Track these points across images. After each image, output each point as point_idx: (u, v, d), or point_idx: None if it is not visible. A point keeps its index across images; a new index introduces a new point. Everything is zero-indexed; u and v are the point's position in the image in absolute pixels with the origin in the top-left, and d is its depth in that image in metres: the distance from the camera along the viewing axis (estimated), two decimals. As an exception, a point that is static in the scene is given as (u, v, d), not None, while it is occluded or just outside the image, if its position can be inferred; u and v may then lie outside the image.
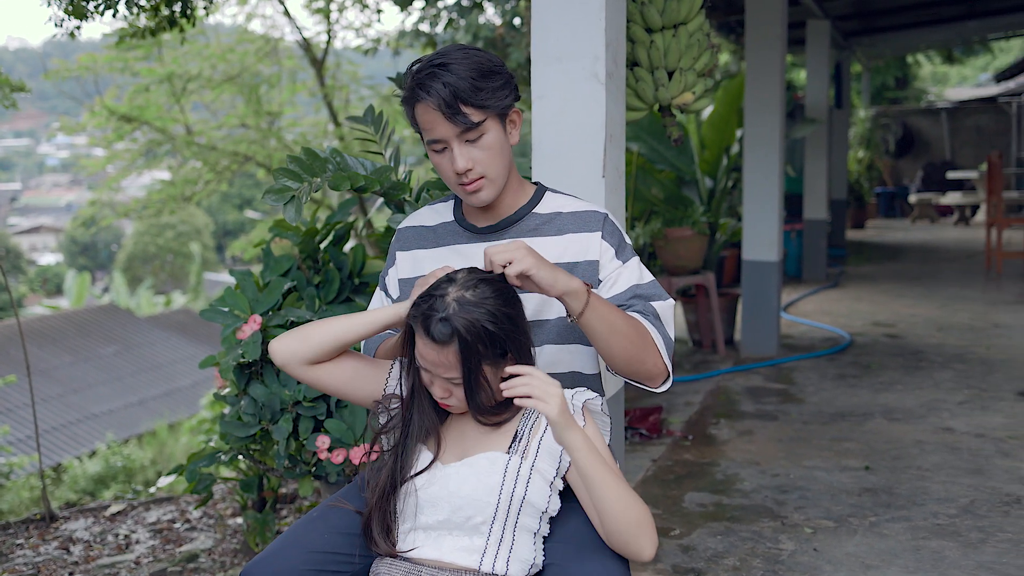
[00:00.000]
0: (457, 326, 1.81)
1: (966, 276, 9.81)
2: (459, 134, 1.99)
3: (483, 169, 2.02)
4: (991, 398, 5.17)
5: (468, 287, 1.85)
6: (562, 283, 1.88)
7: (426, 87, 1.97)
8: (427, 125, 2.00)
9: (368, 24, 14.78)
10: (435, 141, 2.01)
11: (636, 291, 2.09)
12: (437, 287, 1.87)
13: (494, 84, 2.00)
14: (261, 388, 3.12)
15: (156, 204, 13.33)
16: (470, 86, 1.96)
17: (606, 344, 1.96)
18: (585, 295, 1.90)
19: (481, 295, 1.84)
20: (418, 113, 2.02)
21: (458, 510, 1.90)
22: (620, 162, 2.98)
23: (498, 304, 1.85)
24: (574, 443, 1.80)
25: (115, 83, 13.03)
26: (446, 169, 2.04)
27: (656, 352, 2.03)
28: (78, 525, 4.53)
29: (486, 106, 1.99)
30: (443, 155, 2.03)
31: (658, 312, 2.07)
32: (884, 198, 17.20)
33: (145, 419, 16.58)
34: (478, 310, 1.82)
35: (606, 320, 1.93)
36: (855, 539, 3.42)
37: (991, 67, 30.37)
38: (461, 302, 1.83)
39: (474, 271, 1.90)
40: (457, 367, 1.84)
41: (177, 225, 34.71)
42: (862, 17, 10.67)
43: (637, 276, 2.11)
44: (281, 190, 2.72)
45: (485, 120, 1.99)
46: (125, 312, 21.65)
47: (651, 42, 3.35)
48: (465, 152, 2.00)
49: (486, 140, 2.01)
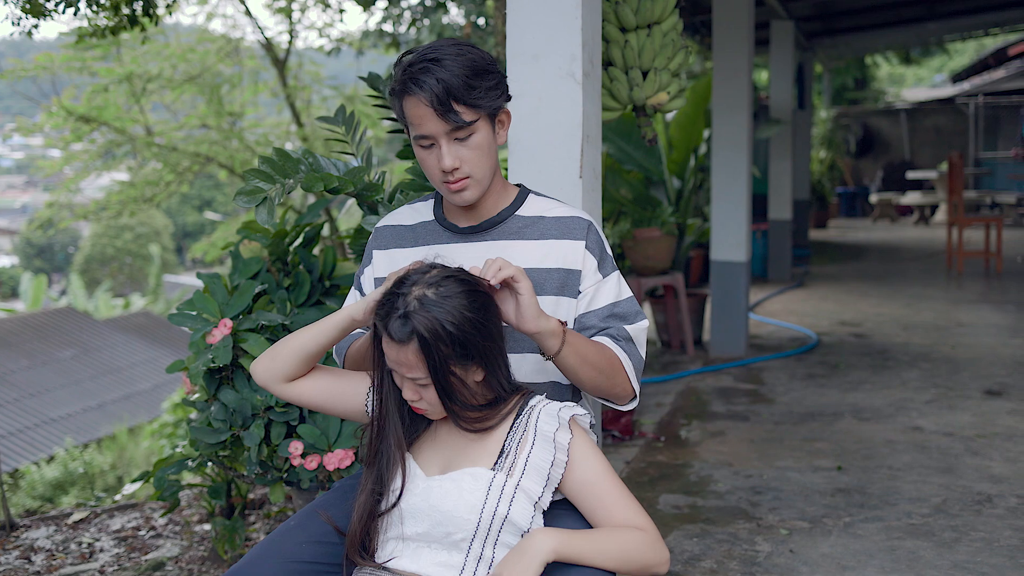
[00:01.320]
0: (416, 325, 1.76)
1: (928, 275, 9.91)
2: (448, 132, 1.94)
3: (470, 169, 1.98)
4: (958, 397, 5.21)
5: (432, 284, 1.80)
6: (541, 322, 1.86)
7: (419, 81, 1.91)
8: (416, 120, 1.95)
9: (330, 24, 14.70)
10: (423, 137, 1.96)
11: (614, 310, 2.07)
12: (402, 283, 1.82)
13: (488, 83, 1.96)
14: (232, 393, 3.06)
15: (116, 206, 13.13)
16: (463, 84, 1.91)
17: (576, 376, 1.97)
18: (561, 335, 1.89)
19: (444, 293, 1.78)
20: (407, 106, 1.96)
21: (438, 525, 1.85)
22: (597, 163, 2.95)
23: (463, 305, 1.78)
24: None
25: (73, 83, 12.82)
26: (431, 166, 1.99)
27: (625, 378, 2.03)
28: (39, 533, 4.43)
29: (478, 105, 1.94)
30: (430, 151, 1.98)
31: (631, 336, 2.06)
32: (845, 198, 17.35)
33: (104, 423, 16.34)
34: (438, 308, 1.76)
35: (579, 356, 1.93)
36: (830, 540, 3.42)
37: (945, 68, 30.79)
38: (423, 300, 1.77)
39: (444, 268, 1.85)
40: (420, 367, 1.79)
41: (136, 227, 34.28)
42: (824, 18, 10.75)
43: (616, 292, 2.08)
44: (253, 191, 2.67)
45: (477, 120, 1.96)
46: (83, 315, 21.34)
47: (625, 41, 3.32)
48: (453, 150, 1.96)
49: (475, 140, 1.97)
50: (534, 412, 1.89)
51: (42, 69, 11.98)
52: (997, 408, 4.98)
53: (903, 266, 10.70)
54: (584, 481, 1.87)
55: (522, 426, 1.89)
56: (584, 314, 2.06)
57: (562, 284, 2.06)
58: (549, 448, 1.86)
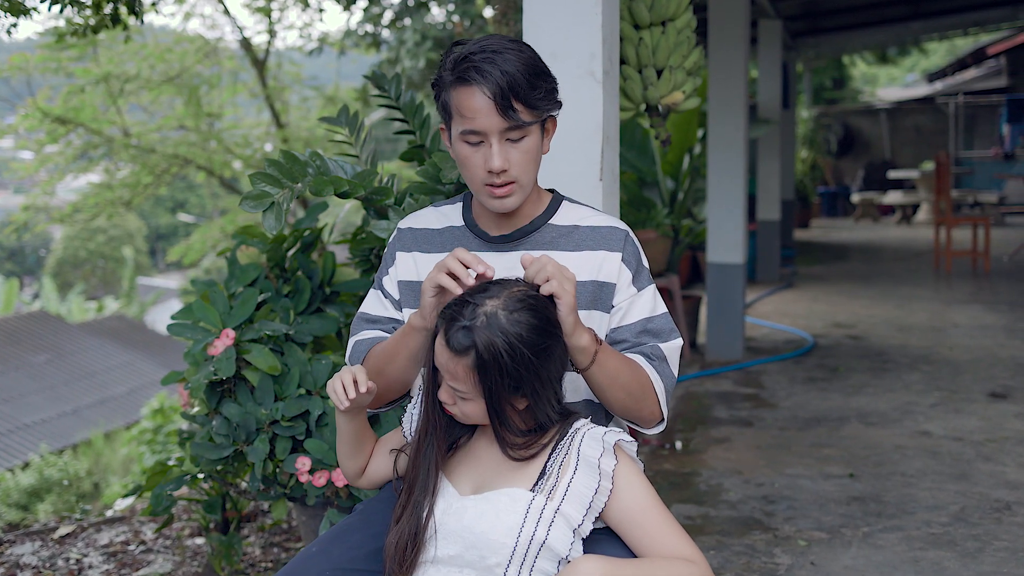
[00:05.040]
0: (477, 341, 1.66)
1: (917, 275, 9.87)
2: (503, 130, 1.82)
3: (517, 173, 1.86)
4: (963, 400, 5.14)
5: (508, 307, 1.69)
6: (574, 339, 1.77)
7: (482, 71, 1.78)
8: (469, 113, 1.81)
9: (310, 24, 14.53)
10: (472, 132, 1.83)
11: (647, 325, 1.97)
12: (478, 292, 1.72)
13: (548, 85, 1.86)
14: (235, 407, 2.92)
15: (93, 209, 12.89)
16: (528, 82, 1.80)
17: (603, 395, 1.88)
18: (593, 353, 1.80)
19: (515, 320, 1.68)
20: (460, 97, 1.82)
21: (471, 547, 1.74)
22: (615, 165, 2.84)
23: (529, 341, 1.69)
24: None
25: (48, 84, 12.57)
26: (476, 165, 1.86)
27: (654, 401, 1.93)
28: (24, 549, 4.28)
29: (537, 107, 1.83)
30: (476, 149, 1.85)
31: (665, 355, 1.96)
32: (827, 198, 17.35)
33: (80, 429, 16.11)
34: (503, 336, 1.66)
35: (609, 374, 1.84)
36: (851, 551, 3.32)
37: (917, 67, 30.98)
38: (491, 319, 1.67)
39: (525, 292, 1.74)
40: (467, 381, 1.70)
41: (109, 229, 33.87)
42: (809, 17, 10.71)
43: (650, 307, 1.98)
44: (259, 196, 2.54)
45: (534, 122, 1.84)
46: (56, 319, 21.04)
47: (639, 39, 3.21)
48: (504, 151, 1.83)
49: (526, 143, 1.85)
50: (578, 435, 1.79)
51: (16, 69, 11.76)
52: (1003, 411, 4.91)
53: (890, 266, 10.66)
54: (630, 510, 1.76)
55: (564, 448, 1.78)
56: (616, 328, 1.97)
57: (595, 297, 1.95)
58: (593, 474, 1.75)
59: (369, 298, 2.12)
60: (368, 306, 2.11)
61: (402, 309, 2.05)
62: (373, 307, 2.10)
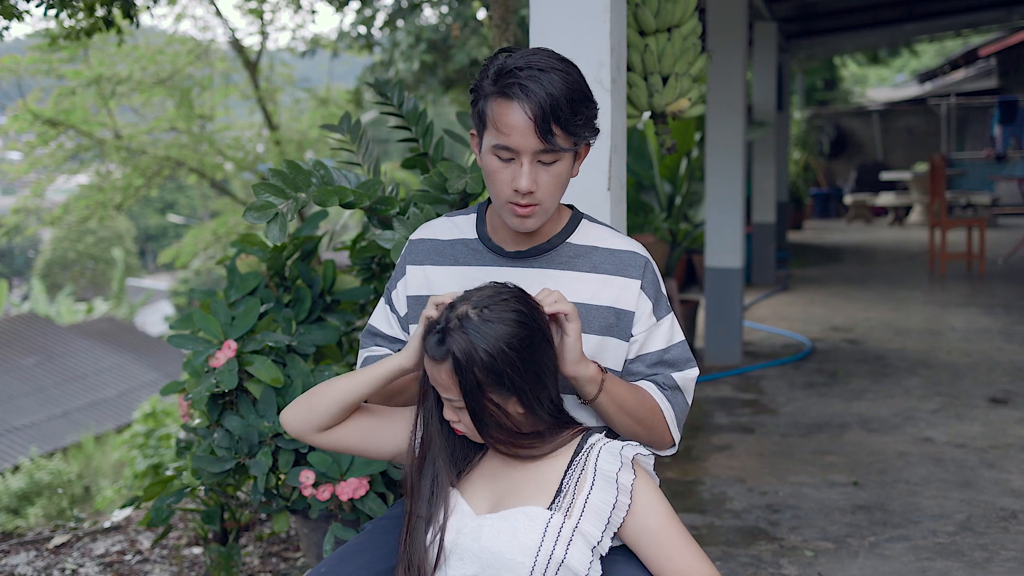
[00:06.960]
0: (451, 345, 1.64)
1: (912, 278, 9.85)
2: (537, 151, 1.77)
3: (543, 196, 1.81)
4: (964, 406, 5.12)
5: (481, 305, 1.67)
6: (580, 368, 1.78)
7: (526, 89, 1.74)
8: (505, 128, 1.76)
9: (302, 25, 14.47)
10: (505, 148, 1.78)
11: (664, 356, 1.94)
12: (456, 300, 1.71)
13: (589, 112, 1.81)
14: (237, 420, 2.88)
15: (84, 211, 12.80)
16: (570, 107, 1.75)
17: (611, 423, 1.88)
18: (599, 384, 1.80)
19: (488, 317, 1.65)
20: (498, 110, 1.77)
21: (488, 567, 1.70)
22: (623, 174, 2.80)
23: (506, 334, 1.65)
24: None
25: (39, 85, 12.48)
26: (502, 181, 1.81)
27: (664, 428, 1.92)
28: (19, 559, 4.23)
29: (576, 134, 1.79)
30: (506, 165, 1.80)
31: (678, 384, 1.95)
32: (819, 199, 17.35)
33: (70, 432, 16.00)
34: (477, 334, 1.64)
35: (616, 404, 1.84)
36: (858, 562, 3.29)
37: (907, 68, 31.02)
38: (464, 321, 1.65)
39: (499, 287, 1.72)
40: (453, 388, 1.67)
41: (98, 230, 33.69)
42: (804, 19, 10.70)
43: (668, 337, 1.96)
44: (263, 207, 2.50)
45: (569, 150, 1.80)
46: (45, 320, 20.89)
47: (645, 46, 3.18)
48: (533, 172, 1.79)
49: (557, 167, 1.81)
50: (594, 450, 1.76)
51: (7, 71, 11.67)
52: (1005, 417, 4.89)
53: (884, 268, 10.65)
54: (647, 527, 1.74)
55: (580, 464, 1.75)
56: (633, 360, 1.94)
57: (611, 324, 1.91)
58: (610, 489, 1.71)
59: (378, 311, 2.09)
60: (376, 320, 2.08)
61: (409, 326, 2.02)
62: (380, 322, 2.07)
